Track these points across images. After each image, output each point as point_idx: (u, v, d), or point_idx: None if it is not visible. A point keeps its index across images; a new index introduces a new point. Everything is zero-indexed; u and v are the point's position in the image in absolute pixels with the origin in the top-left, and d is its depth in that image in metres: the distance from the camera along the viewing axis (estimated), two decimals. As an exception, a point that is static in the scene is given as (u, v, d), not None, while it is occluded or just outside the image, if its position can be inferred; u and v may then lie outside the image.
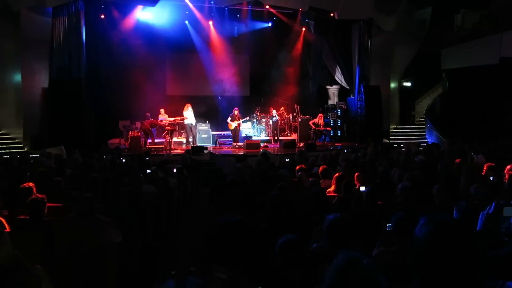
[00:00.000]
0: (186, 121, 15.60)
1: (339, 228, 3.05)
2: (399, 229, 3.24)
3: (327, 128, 17.57)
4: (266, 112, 18.23)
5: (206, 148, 14.38)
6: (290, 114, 18.53)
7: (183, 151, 12.11)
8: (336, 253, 1.57)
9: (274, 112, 17.07)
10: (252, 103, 19.06)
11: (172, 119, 15.93)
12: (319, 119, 16.86)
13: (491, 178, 6.10)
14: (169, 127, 15.47)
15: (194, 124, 15.78)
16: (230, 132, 16.43)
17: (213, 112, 18.50)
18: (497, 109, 16.50)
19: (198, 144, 15.15)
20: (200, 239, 3.75)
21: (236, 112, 16.09)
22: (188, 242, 6.83)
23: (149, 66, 17.77)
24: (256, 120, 18.17)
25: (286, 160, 9.30)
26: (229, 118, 16.07)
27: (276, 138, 16.83)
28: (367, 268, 1.48)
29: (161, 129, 16.10)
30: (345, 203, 5.26)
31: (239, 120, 16.10)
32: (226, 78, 18.91)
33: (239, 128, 16.30)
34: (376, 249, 3.30)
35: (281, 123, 17.88)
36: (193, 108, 15.75)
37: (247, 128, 17.70)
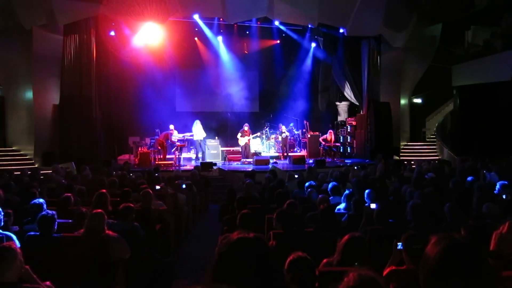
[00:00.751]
0: (195, 137, 15.71)
1: (351, 246, 3.04)
2: (410, 247, 3.21)
3: (337, 144, 17.57)
4: (275, 128, 18.26)
5: (215, 164, 14.42)
6: (300, 131, 18.54)
7: (192, 167, 12.12)
8: (347, 272, 1.57)
9: (283, 128, 17.12)
10: (262, 119, 19.20)
11: (182, 135, 16.02)
12: (329, 136, 16.90)
13: (504, 197, 6.02)
14: (178, 144, 15.55)
15: (203, 140, 15.85)
16: (239, 148, 16.48)
17: (222, 128, 18.60)
18: (509, 126, 16.36)
19: (207, 160, 15.22)
20: (208, 255, 3.75)
21: (246, 128, 16.17)
22: (197, 259, 6.81)
23: (158, 82, 18.00)
24: (266, 136, 18.24)
25: (295, 176, 9.25)
26: (239, 134, 16.16)
27: (286, 154, 16.85)
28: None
29: (170, 145, 16.21)
30: (355, 221, 5.23)
31: (249, 136, 16.16)
32: (236, 94, 19.07)
33: (249, 144, 16.36)
34: (386, 268, 3.26)
35: (290, 139, 17.89)
36: (202, 124, 15.88)
37: (257, 144, 17.78)
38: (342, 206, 6.20)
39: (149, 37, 16.86)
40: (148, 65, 17.35)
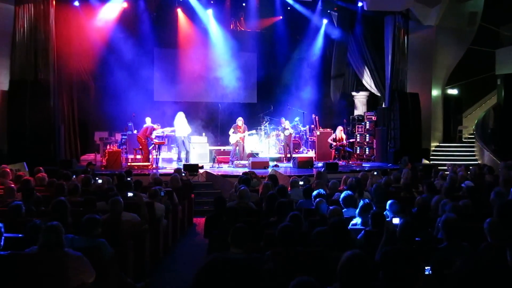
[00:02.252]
0: (177, 133, 15.71)
1: (358, 269, 3.04)
2: (440, 273, 3.21)
3: (351, 140, 17.63)
4: (276, 124, 18.29)
5: (201, 166, 14.44)
6: (307, 127, 18.56)
7: (173, 170, 12.10)
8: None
9: (286, 123, 17.13)
10: (260, 111, 19.30)
11: (161, 130, 16.03)
12: (339, 133, 16.93)
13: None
14: (156, 141, 15.55)
15: (187, 136, 15.88)
16: (231, 148, 16.52)
17: (211, 122, 18.70)
18: None
19: (192, 162, 15.22)
20: (191, 280, 3.75)
21: (240, 123, 16.17)
22: (177, 284, 6.80)
23: (132, 64, 18.03)
24: (265, 133, 18.31)
25: (301, 183, 9.28)
26: (231, 130, 16.17)
27: (289, 155, 16.86)
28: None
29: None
30: (373, 239, 5.25)
31: (243, 132, 16.17)
32: (228, 81, 19.09)
33: (243, 143, 16.39)
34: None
35: (295, 137, 17.90)
36: (186, 117, 15.89)
37: (253, 143, 17.79)
38: (357, 220, 6.20)
39: (121, 8, 16.79)
40: (120, 44, 17.32)
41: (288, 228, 4.64)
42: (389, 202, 6.30)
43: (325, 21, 19.46)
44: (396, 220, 5.25)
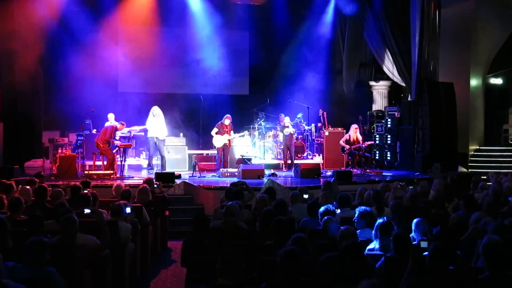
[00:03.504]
0: (149, 133, 15.67)
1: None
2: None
3: (367, 143, 17.50)
4: (274, 121, 18.33)
5: (179, 176, 14.39)
6: (313, 125, 18.55)
7: (143, 181, 12.04)
8: None
9: (286, 120, 17.10)
10: (253, 106, 19.28)
11: (127, 130, 16.01)
12: (353, 133, 16.90)
13: None
14: (120, 143, 15.44)
15: (161, 138, 15.82)
16: (216, 152, 16.48)
17: (190, 120, 18.77)
18: None
19: (168, 170, 15.25)
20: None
21: (227, 122, 16.16)
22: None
23: (91, 46, 17.98)
24: (259, 134, 18.33)
25: (305, 196, 9.31)
26: (215, 130, 16.15)
27: (290, 162, 16.86)
28: None
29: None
30: (396, 267, 5.24)
31: (230, 133, 16.16)
32: (212, 67, 19.11)
33: (230, 146, 16.38)
34: None
35: (298, 138, 17.88)
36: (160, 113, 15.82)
37: (244, 146, 17.75)
38: (376, 244, 6.22)
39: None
40: (75, 20, 17.21)
41: (292, 254, 4.62)
42: (415, 220, 6.31)
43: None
44: (424, 244, 5.25)
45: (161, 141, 15.80)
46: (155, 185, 11.57)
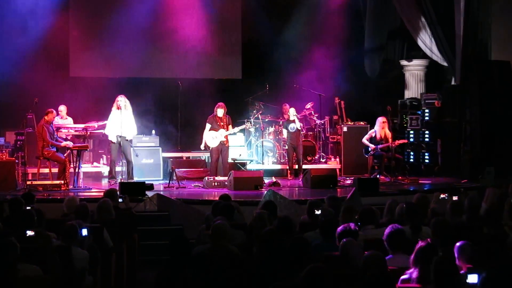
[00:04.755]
0: (111, 132, 15.69)
1: None
2: None
3: (398, 141, 17.42)
4: (275, 114, 18.36)
5: (151, 186, 14.42)
6: (326, 118, 18.53)
7: (103, 193, 12.01)
8: None
9: (291, 112, 17.19)
10: (247, 94, 19.28)
11: (82, 126, 16.06)
12: (380, 128, 16.87)
13: None
14: (72, 145, 15.42)
15: (128, 138, 15.85)
16: (210, 155, 16.56)
17: (165, 113, 18.84)
18: None
19: (136, 179, 15.36)
20: None
21: (220, 112, 16.17)
22: None
23: (34, 18, 17.87)
24: (255, 130, 18.35)
25: (317, 212, 9.34)
26: (207, 127, 16.21)
27: (297, 166, 16.94)
28: None
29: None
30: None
31: (228, 128, 16.26)
32: (193, 44, 19.24)
33: (228, 145, 16.46)
34: None
35: (307, 136, 17.85)
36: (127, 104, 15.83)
37: (237, 147, 17.87)
38: (411, 274, 6.19)
39: None
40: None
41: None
42: (459, 244, 6.32)
43: None
44: (473, 278, 5.32)
45: (127, 141, 15.83)
46: (120, 199, 11.69)
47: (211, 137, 16.06)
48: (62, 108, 16.10)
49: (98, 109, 16.16)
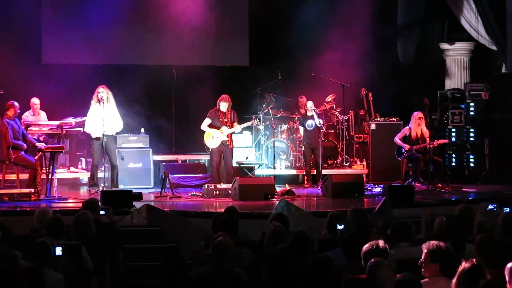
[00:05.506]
0: (91, 130, 15.70)
1: None
2: None
3: (438, 142, 17.40)
4: (289, 108, 18.36)
5: (139, 195, 14.37)
6: (351, 114, 18.36)
7: (83, 204, 11.92)
8: None
9: (309, 106, 17.18)
10: (255, 84, 19.41)
11: (56, 123, 16.06)
12: (417, 126, 16.77)
13: None
14: (44, 146, 15.45)
15: (112, 137, 15.86)
16: (200, 158, 16.80)
17: (157, 108, 18.95)
18: None
19: (121, 187, 15.50)
20: None
21: (223, 106, 16.26)
22: None
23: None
24: (265, 128, 18.37)
25: (339, 227, 9.39)
26: (206, 122, 16.28)
27: (316, 172, 16.92)
28: None
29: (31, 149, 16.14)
30: None
31: (232, 125, 16.26)
32: (191, 25, 19.23)
33: (232, 146, 16.47)
34: None
35: (327, 135, 17.63)
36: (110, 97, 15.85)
37: (242, 148, 18.09)
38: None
39: None
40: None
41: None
42: (510, 265, 6.09)
43: None
44: None
45: (111, 141, 15.92)
46: (102, 212, 11.68)
47: (211, 137, 16.04)
48: (36, 101, 16.27)
49: (75, 102, 16.08)
